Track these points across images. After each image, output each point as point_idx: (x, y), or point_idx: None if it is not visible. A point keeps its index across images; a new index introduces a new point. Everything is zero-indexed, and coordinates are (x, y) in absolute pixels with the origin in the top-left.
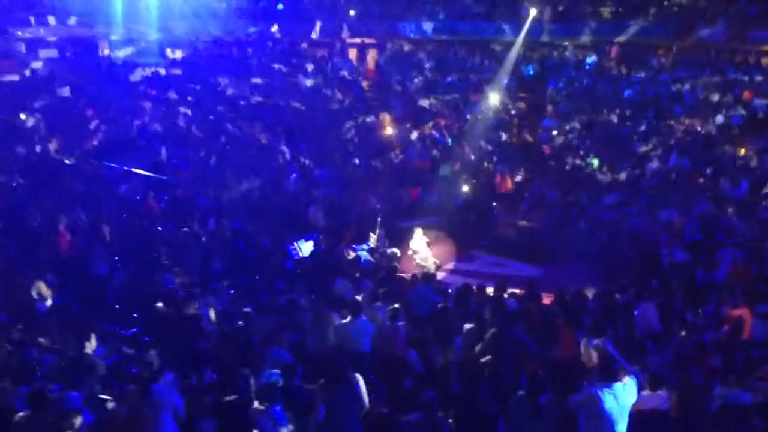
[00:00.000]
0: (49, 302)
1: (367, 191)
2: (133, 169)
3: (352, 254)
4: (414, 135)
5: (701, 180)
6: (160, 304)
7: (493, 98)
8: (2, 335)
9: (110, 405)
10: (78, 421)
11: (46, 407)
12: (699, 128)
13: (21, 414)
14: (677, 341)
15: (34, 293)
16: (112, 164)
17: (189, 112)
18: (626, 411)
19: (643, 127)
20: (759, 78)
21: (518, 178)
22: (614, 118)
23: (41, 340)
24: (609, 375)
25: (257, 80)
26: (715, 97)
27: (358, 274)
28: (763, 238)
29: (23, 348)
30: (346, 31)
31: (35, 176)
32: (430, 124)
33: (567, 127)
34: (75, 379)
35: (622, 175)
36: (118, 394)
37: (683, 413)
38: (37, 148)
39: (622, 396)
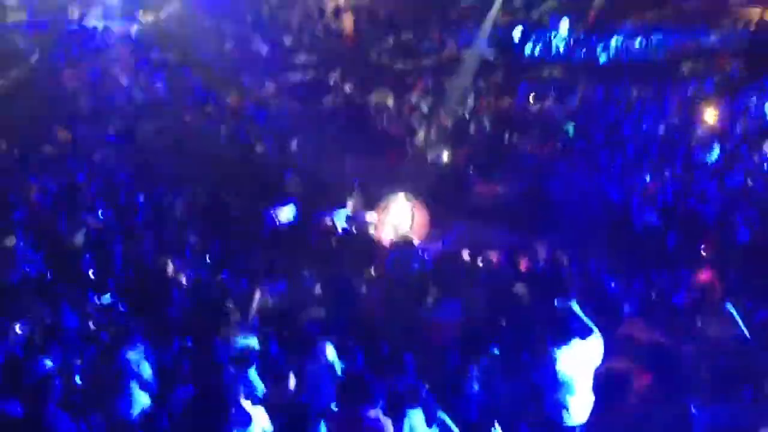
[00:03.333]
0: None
1: (344, 157)
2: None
3: (329, 221)
4: (390, 101)
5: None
6: (132, 272)
7: (470, 62)
8: None
9: (82, 372)
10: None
11: (18, 374)
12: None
13: None
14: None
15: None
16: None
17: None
18: (587, 371)
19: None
20: None
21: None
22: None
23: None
24: (568, 333)
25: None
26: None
27: (333, 241)
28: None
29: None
30: None
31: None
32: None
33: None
34: (47, 347)
35: (598, 141)
36: (89, 361)
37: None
38: None
39: (582, 355)
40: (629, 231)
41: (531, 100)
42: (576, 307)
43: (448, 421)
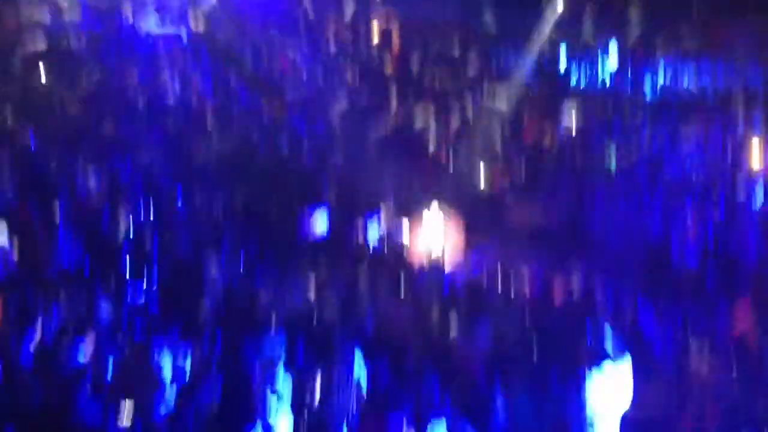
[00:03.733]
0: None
1: (379, 172)
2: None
3: (361, 232)
4: (431, 119)
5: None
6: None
7: (513, 84)
8: (17, 293)
9: (116, 360)
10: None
11: (52, 366)
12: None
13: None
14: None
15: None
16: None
17: None
18: (619, 404)
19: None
20: None
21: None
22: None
23: (52, 297)
24: (600, 362)
25: None
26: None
27: (366, 252)
28: None
29: (35, 306)
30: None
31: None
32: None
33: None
34: (84, 335)
35: (640, 176)
36: (124, 350)
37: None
38: None
39: (613, 387)
40: (667, 268)
41: (573, 127)
42: (608, 338)
43: None
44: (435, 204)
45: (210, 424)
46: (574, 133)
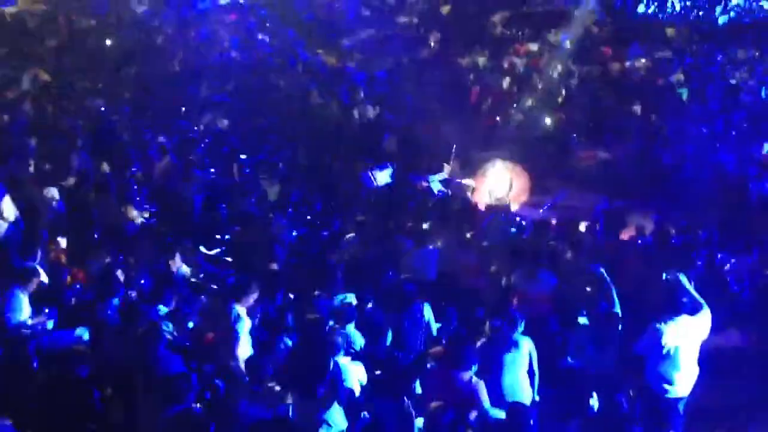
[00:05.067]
0: (139, 221)
1: (443, 121)
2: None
3: (425, 184)
4: (491, 63)
5: None
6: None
7: (578, 21)
8: (95, 253)
9: (192, 320)
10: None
11: (135, 319)
12: None
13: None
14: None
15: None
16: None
17: None
18: (694, 345)
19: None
20: None
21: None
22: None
23: (130, 258)
24: (675, 306)
25: None
26: None
27: (430, 204)
28: None
29: (114, 265)
30: None
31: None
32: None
33: (656, 56)
34: (161, 295)
35: (713, 107)
36: (200, 310)
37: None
38: None
39: (689, 330)
40: (744, 203)
41: (642, 62)
42: (684, 280)
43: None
44: (498, 148)
45: (284, 373)
46: (644, 66)
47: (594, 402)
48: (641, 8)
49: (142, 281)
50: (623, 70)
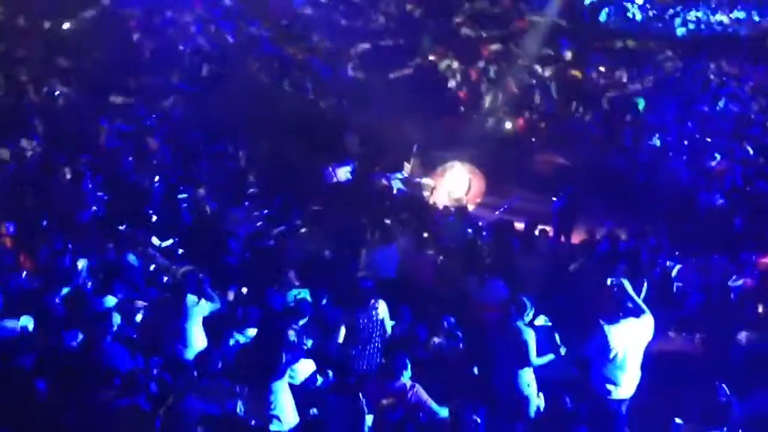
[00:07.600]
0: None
1: (405, 121)
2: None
3: (385, 183)
4: (455, 65)
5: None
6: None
7: (540, 30)
8: (46, 241)
9: (142, 311)
10: (111, 322)
11: (82, 310)
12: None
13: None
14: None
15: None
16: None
17: None
18: (639, 348)
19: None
20: None
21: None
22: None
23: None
24: (622, 311)
25: None
26: None
27: (389, 203)
28: None
29: (64, 253)
30: None
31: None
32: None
33: (616, 65)
34: (111, 285)
35: (668, 118)
36: (151, 301)
37: (708, 357)
38: None
39: (635, 333)
40: (694, 212)
41: (601, 71)
42: (628, 286)
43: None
44: (458, 149)
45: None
46: (603, 76)
47: (540, 402)
48: (603, 17)
49: (92, 271)
50: (583, 78)
